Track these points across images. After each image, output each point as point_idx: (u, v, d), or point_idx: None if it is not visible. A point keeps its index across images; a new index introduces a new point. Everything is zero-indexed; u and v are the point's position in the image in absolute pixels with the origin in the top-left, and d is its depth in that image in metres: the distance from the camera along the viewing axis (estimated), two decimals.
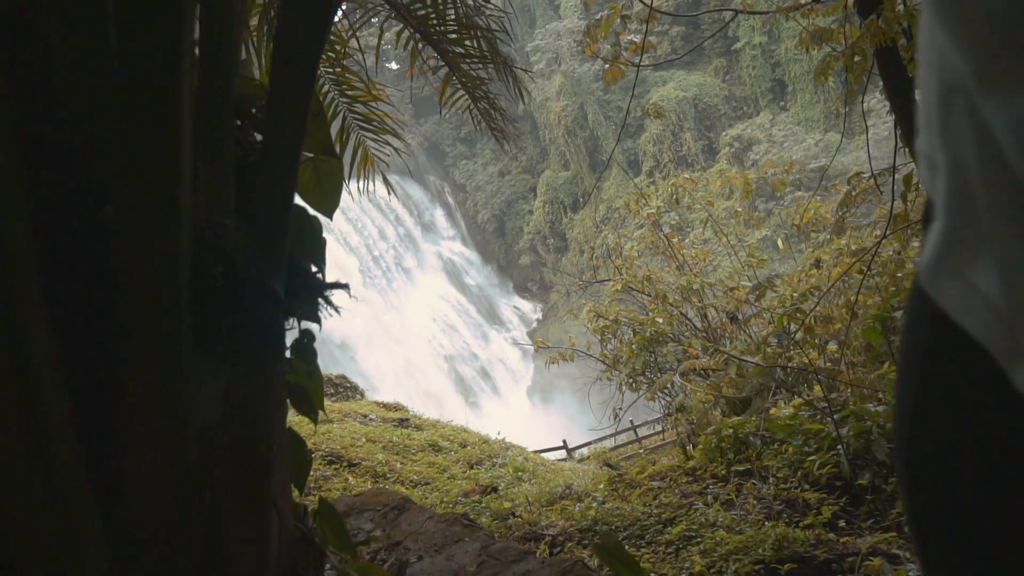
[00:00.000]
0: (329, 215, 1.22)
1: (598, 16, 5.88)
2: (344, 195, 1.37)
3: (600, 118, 39.10)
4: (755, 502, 3.60)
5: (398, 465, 6.07)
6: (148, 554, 0.79)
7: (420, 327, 36.27)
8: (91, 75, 0.75)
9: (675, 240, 10.43)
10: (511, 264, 44.17)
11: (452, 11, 3.60)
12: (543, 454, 12.54)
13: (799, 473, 3.84)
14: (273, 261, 0.86)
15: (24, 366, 0.58)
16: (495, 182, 44.48)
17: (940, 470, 0.51)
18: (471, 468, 6.51)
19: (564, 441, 17.43)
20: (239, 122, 1.08)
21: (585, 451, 14.51)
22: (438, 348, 36.65)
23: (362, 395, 14.40)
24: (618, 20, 5.94)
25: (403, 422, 8.85)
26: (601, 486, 4.74)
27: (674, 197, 9.55)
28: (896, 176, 4.54)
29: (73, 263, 0.72)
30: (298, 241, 1.06)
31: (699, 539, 3.13)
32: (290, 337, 1.08)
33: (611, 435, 14.47)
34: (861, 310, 5.98)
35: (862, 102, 4.94)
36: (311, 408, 1.11)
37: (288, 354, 1.09)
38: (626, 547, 3.36)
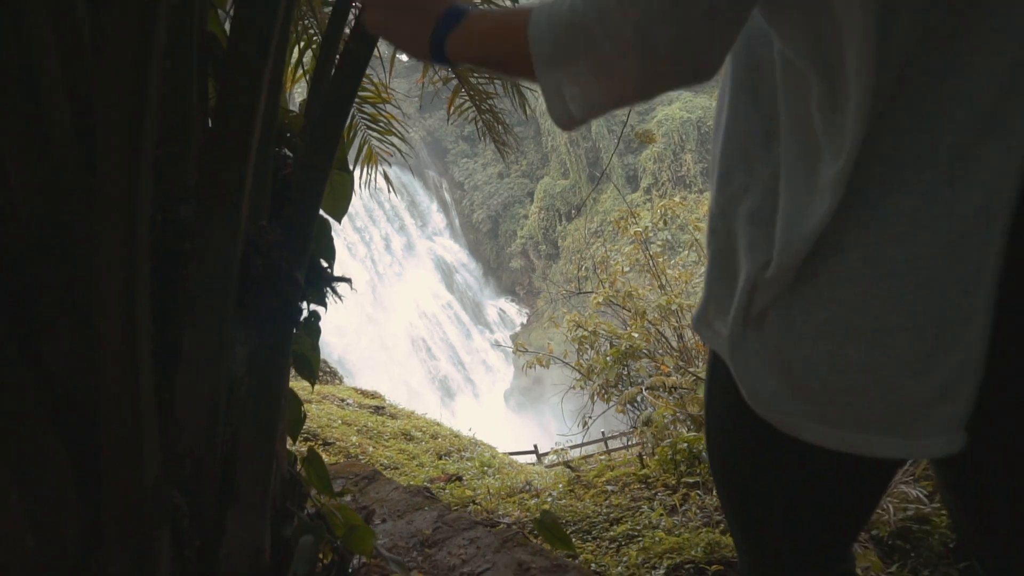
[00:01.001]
0: (338, 219, 1.48)
1: None
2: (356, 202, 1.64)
3: (603, 130, 39.48)
4: (697, 511, 3.88)
5: (370, 448, 6.32)
6: (183, 465, 1.06)
7: (406, 320, 36.34)
8: (179, 114, 1.01)
9: (661, 260, 10.73)
10: (501, 266, 44.41)
11: None
12: (513, 456, 12.78)
13: None
14: (299, 257, 1.13)
15: (132, 317, 0.84)
16: (493, 183, 44.75)
17: (714, 434, 0.80)
18: (439, 458, 6.77)
19: (535, 446, 17.68)
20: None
21: (555, 457, 14.71)
22: (420, 340, 36.68)
23: (340, 380, 14.57)
24: None
25: (379, 409, 9.10)
26: (560, 486, 5.02)
27: (663, 218, 9.85)
28: None
29: (156, 247, 0.99)
30: (314, 240, 1.33)
31: (640, 538, 3.41)
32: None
33: (581, 444, 14.73)
34: None
35: None
36: (311, 374, 1.37)
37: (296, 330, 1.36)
38: (573, 539, 3.63)
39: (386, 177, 4.62)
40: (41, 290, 0.93)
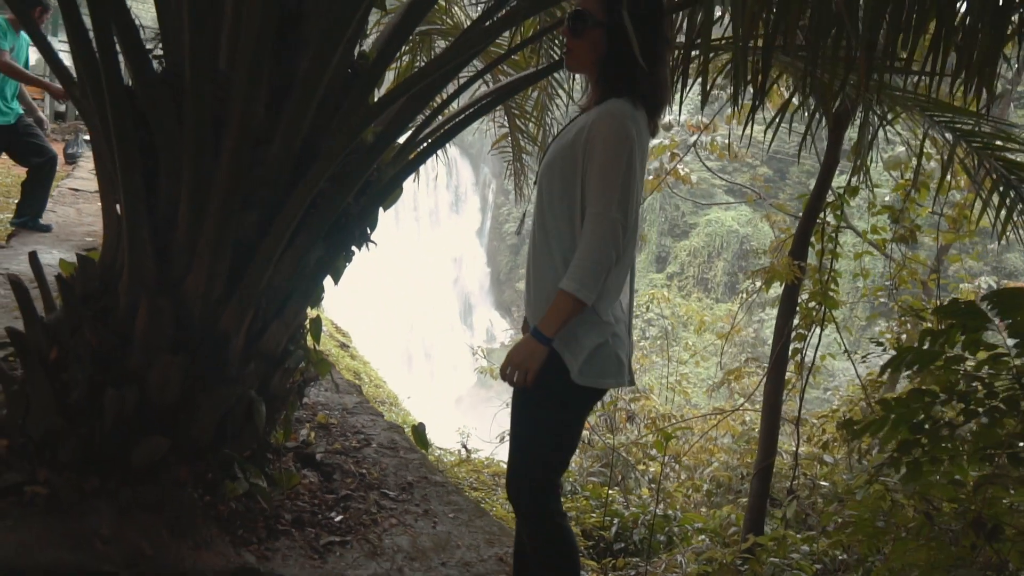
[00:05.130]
0: (386, 210, 2.67)
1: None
2: None
3: (656, 204, 40.56)
4: None
5: None
6: (269, 290, 2.24)
7: (400, 285, 37.13)
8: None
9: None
10: (509, 282, 45.43)
11: (530, 102, 5.03)
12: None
13: (575, 514, 5.24)
14: (363, 223, 2.33)
15: (293, 218, 2.04)
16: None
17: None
18: (375, 403, 7.94)
19: (462, 446, 18.73)
20: None
21: (460, 437, 15.53)
22: (404, 309, 37.31)
23: (323, 310, 15.63)
24: (667, 154, 7.25)
25: (344, 346, 10.25)
26: (452, 458, 6.19)
27: (647, 305, 11.03)
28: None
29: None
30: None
31: (493, 509, 4.56)
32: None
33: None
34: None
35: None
36: (337, 278, 2.55)
37: None
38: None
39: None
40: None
